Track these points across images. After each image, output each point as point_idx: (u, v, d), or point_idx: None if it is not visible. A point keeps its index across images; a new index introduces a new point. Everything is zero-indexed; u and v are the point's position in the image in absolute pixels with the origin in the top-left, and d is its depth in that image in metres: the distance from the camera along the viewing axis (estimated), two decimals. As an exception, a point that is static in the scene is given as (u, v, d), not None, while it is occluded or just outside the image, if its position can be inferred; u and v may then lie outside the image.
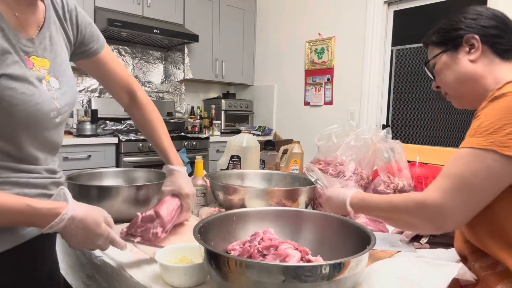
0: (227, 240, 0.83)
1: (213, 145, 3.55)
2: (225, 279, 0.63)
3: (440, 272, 0.72)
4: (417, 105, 3.14)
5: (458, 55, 0.88)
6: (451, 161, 0.78)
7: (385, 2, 3.11)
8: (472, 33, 0.86)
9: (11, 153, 0.76)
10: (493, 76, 0.85)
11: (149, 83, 3.83)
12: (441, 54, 0.92)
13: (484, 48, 0.86)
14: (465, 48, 0.88)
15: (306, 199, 1.19)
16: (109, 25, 2.94)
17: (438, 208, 0.73)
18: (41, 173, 0.83)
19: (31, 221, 0.72)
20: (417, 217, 0.77)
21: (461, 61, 0.88)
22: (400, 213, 0.80)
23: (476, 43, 0.86)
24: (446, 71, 0.91)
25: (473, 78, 0.87)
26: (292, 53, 3.83)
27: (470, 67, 0.87)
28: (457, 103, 0.94)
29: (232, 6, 3.99)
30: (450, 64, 0.90)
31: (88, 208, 0.76)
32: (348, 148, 1.39)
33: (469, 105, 0.92)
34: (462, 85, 0.89)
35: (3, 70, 0.70)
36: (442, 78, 0.93)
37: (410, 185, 1.29)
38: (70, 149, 2.71)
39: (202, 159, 1.31)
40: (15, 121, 0.73)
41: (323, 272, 0.59)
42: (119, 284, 0.85)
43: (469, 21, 0.88)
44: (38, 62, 0.78)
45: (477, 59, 0.86)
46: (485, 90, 0.85)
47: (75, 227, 0.73)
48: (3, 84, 0.70)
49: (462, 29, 0.88)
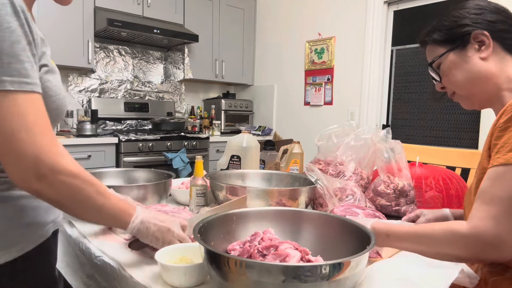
0: (227, 240, 0.83)
1: (213, 145, 3.55)
2: (225, 279, 0.63)
3: (441, 274, 0.72)
4: (417, 105, 3.14)
5: (468, 53, 0.83)
6: (490, 182, 0.70)
7: (385, 2, 3.11)
8: (480, 29, 0.81)
9: None
10: (505, 74, 0.81)
11: (149, 83, 3.83)
12: (448, 53, 0.86)
13: (494, 44, 0.81)
14: (474, 46, 0.82)
15: (306, 199, 1.19)
16: (109, 25, 2.94)
17: (495, 238, 0.67)
18: None
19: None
20: (469, 251, 0.69)
21: (472, 60, 0.82)
22: (441, 247, 0.72)
23: (486, 39, 0.81)
24: (455, 71, 0.85)
25: (486, 77, 0.81)
26: (292, 53, 3.83)
27: (482, 66, 0.82)
28: (468, 103, 0.88)
29: (232, 6, 3.99)
30: (460, 63, 0.84)
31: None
32: (348, 148, 1.39)
33: (479, 105, 0.87)
34: (473, 85, 0.84)
35: (44, 61, 0.73)
36: (451, 78, 0.87)
37: (410, 185, 1.29)
38: (70, 149, 2.71)
39: (202, 159, 1.31)
40: (48, 114, 0.75)
41: (323, 272, 0.59)
42: (119, 284, 0.85)
43: (474, 16, 0.83)
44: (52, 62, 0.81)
45: (489, 56, 0.81)
46: (498, 89, 0.81)
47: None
48: (44, 77, 0.72)
49: (468, 25, 0.82)
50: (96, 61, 3.42)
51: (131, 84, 3.70)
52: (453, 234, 0.71)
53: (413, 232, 0.77)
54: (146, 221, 0.81)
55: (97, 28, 3.08)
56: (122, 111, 3.52)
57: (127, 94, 3.67)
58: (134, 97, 3.73)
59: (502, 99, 0.82)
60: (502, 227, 0.66)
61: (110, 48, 3.53)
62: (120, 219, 0.78)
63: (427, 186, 1.33)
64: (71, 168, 0.67)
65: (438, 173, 1.37)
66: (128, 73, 3.68)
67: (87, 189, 0.70)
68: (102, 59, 3.49)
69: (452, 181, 1.33)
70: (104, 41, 3.46)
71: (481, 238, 0.68)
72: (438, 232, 0.73)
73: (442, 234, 0.72)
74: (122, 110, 3.52)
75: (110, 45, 3.52)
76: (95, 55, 3.40)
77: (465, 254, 0.70)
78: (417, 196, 1.32)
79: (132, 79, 3.71)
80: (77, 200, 0.70)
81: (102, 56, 3.48)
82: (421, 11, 2.97)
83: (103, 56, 3.49)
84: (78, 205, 0.71)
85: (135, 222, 0.79)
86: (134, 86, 3.73)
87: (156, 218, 0.83)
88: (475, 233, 0.68)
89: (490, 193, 0.69)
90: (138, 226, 0.80)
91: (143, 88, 3.80)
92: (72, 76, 3.28)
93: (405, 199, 1.27)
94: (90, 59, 3.08)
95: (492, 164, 0.71)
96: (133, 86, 3.72)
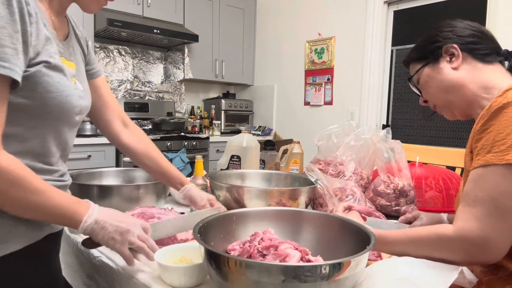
0: (227, 240, 0.83)
1: (213, 145, 3.55)
2: (225, 279, 0.63)
3: (440, 274, 0.72)
4: (417, 105, 3.12)
5: (440, 65, 0.89)
6: (472, 184, 0.72)
7: (385, 2, 3.11)
8: (450, 43, 0.87)
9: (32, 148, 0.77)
10: (479, 80, 0.85)
11: (149, 83, 3.83)
12: (423, 68, 0.92)
13: (464, 55, 0.87)
14: (445, 58, 0.89)
15: (306, 199, 1.19)
16: (109, 25, 2.94)
17: (480, 239, 0.68)
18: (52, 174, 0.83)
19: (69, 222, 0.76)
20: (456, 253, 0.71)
21: (444, 70, 0.88)
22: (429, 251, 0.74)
23: (455, 51, 0.87)
24: (431, 83, 0.91)
25: (459, 85, 0.86)
26: (292, 53, 3.83)
27: (454, 75, 0.87)
28: (449, 113, 0.94)
29: (232, 6, 3.99)
30: (433, 75, 0.90)
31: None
32: (348, 148, 1.39)
33: (461, 114, 0.91)
34: (449, 94, 0.89)
35: (45, 57, 0.73)
36: (428, 90, 0.93)
37: (410, 185, 1.29)
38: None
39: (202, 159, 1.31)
40: (47, 109, 0.75)
41: (323, 272, 0.59)
42: (118, 284, 0.85)
43: (445, 33, 0.89)
44: (66, 63, 0.82)
45: (459, 66, 0.87)
46: (474, 95, 0.85)
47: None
48: (42, 71, 0.73)
49: (439, 41, 0.89)
50: (96, 61, 3.42)
51: (131, 84, 3.70)
52: (439, 238, 0.73)
53: (400, 237, 0.80)
54: (102, 221, 0.76)
55: (97, 28, 3.08)
56: (122, 111, 3.52)
57: (127, 94, 3.67)
58: (134, 97, 3.72)
59: (480, 103, 0.85)
60: (487, 227, 0.68)
61: (110, 48, 3.53)
62: (68, 218, 0.74)
63: (427, 186, 1.33)
64: (1, 163, 0.66)
65: (438, 173, 1.37)
66: (128, 73, 3.68)
67: (16, 187, 0.67)
68: (102, 59, 3.49)
69: (452, 181, 1.33)
70: (104, 41, 3.46)
71: (467, 240, 0.69)
72: (425, 236, 0.76)
73: (428, 238, 0.75)
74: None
75: (110, 45, 3.52)
76: (95, 55, 3.39)
77: (453, 256, 0.72)
78: (417, 196, 1.32)
79: (132, 79, 3.71)
80: (7, 197, 0.68)
81: (102, 56, 3.48)
82: (421, 11, 2.97)
83: (103, 56, 3.49)
84: (10, 202, 0.69)
85: (87, 221, 0.75)
86: (134, 86, 3.73)
87: (114, 218, 0.78)
88: (461, 235, 0.70)
89: (473, 195, 0.71)
90: (92, 226, 0.75)
91: (143, 88, 3.80)
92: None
93: (405, 199, 1.27)
94: (90, 59, 3.08)
95: (473, 166, 0.73)
96: (133, 86, 3.72)
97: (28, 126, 0.75)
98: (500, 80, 0.83)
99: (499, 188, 0.68)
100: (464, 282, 0.74)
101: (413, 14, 3.07)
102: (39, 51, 0.72)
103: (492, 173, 0.69)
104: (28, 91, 0.72)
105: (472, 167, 0.74)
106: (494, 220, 0.68)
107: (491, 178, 0.69)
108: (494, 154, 0.69)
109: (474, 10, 2.71)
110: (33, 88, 0.72)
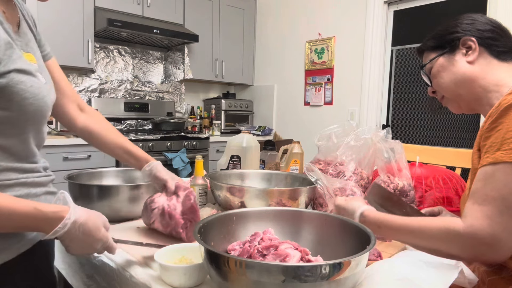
0: (227, 240, 0.83)
1: (213, 145, 3.55)
2: (225, 279, 0.63)
3: (440, 275, 0.72)
4: (417, 105, 3.14)
5: (455, 57, 0.89)
6: (482, 182, 0.72)
7: (385, 2, 3.11)
8: (468, 36, 0.87)
9: (18, 152, 0.76)
10: (491, 76, 0.85)
11: (149, 83, 3.83)
12: (438, 57, 0.92)
13: (481, 49, 0.86)
14: (462, 50, 0.88)
15: (306, 199, 1.19)
16: (109, 25, 2.94)
17: (490, 237, 0.67)
18: (40, 171, 0.83)
19: (38, 226, 0.69)
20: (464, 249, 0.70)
21: (459, 63, 0.88)
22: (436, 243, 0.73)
23: (473, 44, 0.86)
24: (443, 73, 0.91)
25: (471, 79, 0.86)
26: (292, 53, 3.83)
27: (468, 68, 0.87)
28: (455, 106, 0.93)
29: (232, 6, 3.99)
30: (447, 66, 0.90)
31: (88, 213, 0.75)
32: (348, 148, 1.39)
33: (467, 108, 0.91)
34: (459, 87, 0.88)
35: (13, 65, 0.70)
36: (439, 80, 0.92)
37: (410, 185, 1.29)
38: (70, 149, 2.71)
39: (202, 159, 1.31)
40: (26, 116, 0.74)
41: (323, 272, 0.59)
42: (118, 284, 0.85)
43: (465, 25, 0.89)
44: (27, 57, 0.77)
45: (475, 60, 0.86)
46: (484, 91, 0.85)
47: (76, 231, 0.71)
48: (15, 79, 0.70)
49: (458, 32, 0.89)
50: (96, 61, 3.42)
51: (131, 84, 3.70)
52: (448, 232, 0.72)
53: (406, 224, 0.78)
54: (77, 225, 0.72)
55: (97, 28, 3.08)
56: (122, 111, 3.52)
57: (127, 94, 3.67)
58: (134, 97, 3.72)
59: (490, 100, 0.85)
60: (498, 226, 0.67)
61: (110, 48, 3.52)
62: (34, 227, 0.70)
63: (427, 186, 1.33)
64: None
65: (438, 173, 1.37)
66: (128, 73, 3.68)
67: None
68: (102, 59, 3.48)
69: (452, 181, 1.33)
70: (104, 41, 3.46)
71: (477, 237, 0.68)
72: (433, 227, 0.74)
73: (437, 230, 0.73)
74: (122, 110, 3.52)
75: (110, 45, 3.52)
76: (95, 55, 3.40)
77: (460, 252, 0.71)
78: (417, 196, 1.32)
79: (132, 79, 3.71)
80: None
81: (102, 56, 3.48)
82: (421, 11, 2.97)
83: (103, 56, 3.49)
84: None
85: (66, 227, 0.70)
86: (134, 86, 3.73)
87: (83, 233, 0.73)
88: (471, 231, 0.69)
89: (482, 193, 0.71)
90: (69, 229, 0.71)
91: (143, 88, 3.80)
92: (72, 76, 3.28)
93: (405, 199, 1.27)
94: (90, 59, 3.08)
95: (481, 164, 0.73)
96: (133, 86, 3.72)
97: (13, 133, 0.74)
98: (511, 79, 0.83)
99: (508, 187, 0.68)
100: (464, 282, 0.74)
101: (413, 14, 3.07)
102: (1, 59, 0.68)
103: (502, 171, 0.69)
104: (5, 102, 0.70)
105: (481, 165, 0.73)
106: (505, 218, 0.67)
107: (501, 176, 0.69)
108: (504, 152, 0.69)
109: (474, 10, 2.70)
110: (10, 99, 0.70)
